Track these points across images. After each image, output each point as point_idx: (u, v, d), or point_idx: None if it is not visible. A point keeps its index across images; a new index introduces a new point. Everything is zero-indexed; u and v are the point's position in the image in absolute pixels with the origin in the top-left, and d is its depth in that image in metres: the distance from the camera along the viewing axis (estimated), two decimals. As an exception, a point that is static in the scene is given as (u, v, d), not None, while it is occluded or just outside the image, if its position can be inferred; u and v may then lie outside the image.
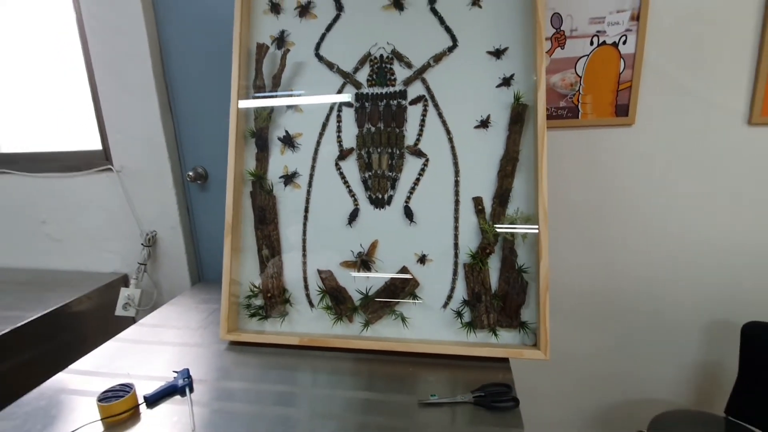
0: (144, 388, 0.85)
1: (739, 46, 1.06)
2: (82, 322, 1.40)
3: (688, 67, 1.09)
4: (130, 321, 1.60)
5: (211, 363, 0.96)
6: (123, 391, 0.80)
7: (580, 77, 1.12)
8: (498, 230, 0.96)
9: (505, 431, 0.72)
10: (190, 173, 1.46)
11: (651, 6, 1.05)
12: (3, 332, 1.15)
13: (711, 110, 1.10)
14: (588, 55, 1.10)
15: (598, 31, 1.08)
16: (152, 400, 0.82)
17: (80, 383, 0.90)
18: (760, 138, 1.09)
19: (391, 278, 1.01)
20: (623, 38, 1.08)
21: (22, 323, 1.20)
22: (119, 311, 1.47)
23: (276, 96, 1.08)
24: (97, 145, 1.52)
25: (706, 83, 1.09)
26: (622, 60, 1.09)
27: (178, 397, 0.84)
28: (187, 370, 0.91)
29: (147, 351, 1.03)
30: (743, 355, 1.14)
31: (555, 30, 1.10)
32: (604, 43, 1.09)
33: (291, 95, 1.07)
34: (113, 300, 1.50)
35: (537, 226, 0.92)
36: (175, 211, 1.49)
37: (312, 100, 1.06)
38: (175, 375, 0.89)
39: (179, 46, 1.38)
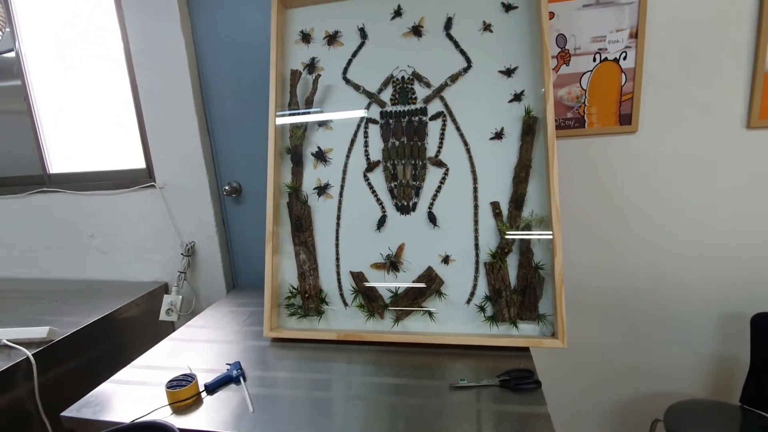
0: (202, 379, 0.95)
1: (734, 53, 1.14)
2: (130, 326, 1.53)
3: (687, 76, 1.17)
4: (170, 325, 1.72)
5: (257, 357, 1.07)
6: (185, 380, 0.91)
7: (585, 90, 1.22)
8: (514, 236, 1.06)
9: (530, 408, 0.80)
10: (226, 188, 1.59)
11: (648, 24, 1.15)
12: (66, 335, 1.28)
13: (710, 115, 1.19)
14: (591, 71, 1.21)
15: (599, 49, 1.19)
16: (212, 388, 0.92)
17: (146, 376, 1.01)
18: (759, 140, 1.17)
19: (418, 277, 1.11)
20: (623, 54, 1.18)
21: (82, 326, 1.33)
22: (162, 316, 1.59)
23: (309, 113, 1.20)
24: (140, 164, 1.66)
25: (705, 90, 1.18)
26: (623, 74, 1.19)
27: (232, 385, 0.95)
28: (239, 362, 1.01)
29: (199, 348, 1.13)
30: (754, 345, 1.20)
31: (560, 49, 1.21)
32: (605, 59, 1.19)
33: (322, 112, 1.19)
34: (156, 306, 1.63)
35: (551, 232, 1.01)
36: (212, 223, 1.62)
37: (341, 116, 1.18)
38: (229, 367, 1.00)
39: (216, 73, 1.53)
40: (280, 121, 1.21)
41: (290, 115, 1.21)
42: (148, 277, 1.73)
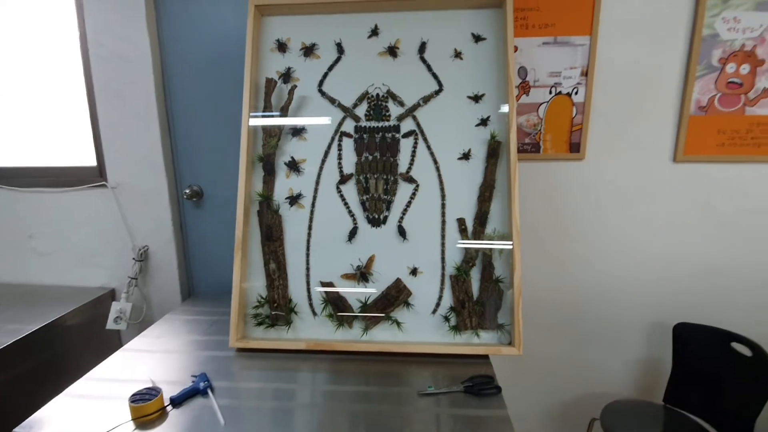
0: (166, 392, 0.92)
1: (666, 97, 1.32)
2: (74, 335, 1.43)
3: (626, 114, 1.34)
4: (117, 335, 1.62)
5: (223, 368, 1.05)
6: (150, 394, 0.88)
7: (542, 119, 1.34)
8: (477, 246, 1.14)
9: (492, 412, 0.87)
10: (187, 191, 1.53)
11: (596, 65, 1.30)
12: (4, 345, 1.17)
13: (644, 149, 1.36)
14: (548, 102, 1.33)
15: (555, 83, 1.31)
16: (178, 401, 0.90)
17: (103, 389, 0.95)
18: (682, 173, 1.36)
19: (387, 288, 1.15)
20: (575, 89, 1.31)
21: (23, 335, 1.22)
22: (110, 325, 1.49)
23: (285, 117, 1.20)
24: (91, 162, 1.56)
25: (640, 127, 1.34)
26: (574, 107, 1.33)
27: (199, 398, 0.93)
28: (205, 374, 0.99)
29: (159, 359, 1.09)
30: (675, 351, 1.38)
31: (522, 80, 1.32)
32: (560, 92, 1.32)
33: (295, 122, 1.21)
34: (102, 314, 1.53)
35: (511, 243, 1.11)
36: (169, 227, 1.55)
37: (315, 125, 1.20)
38: (194, 379, 0.98)
39: (182, 73, 1.48)
40: (253, 122, 1.20)
41: (263, 116, 1.21)
42: (93, 282, 1.62)
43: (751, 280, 1.42)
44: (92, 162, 1.56)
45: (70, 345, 1.42)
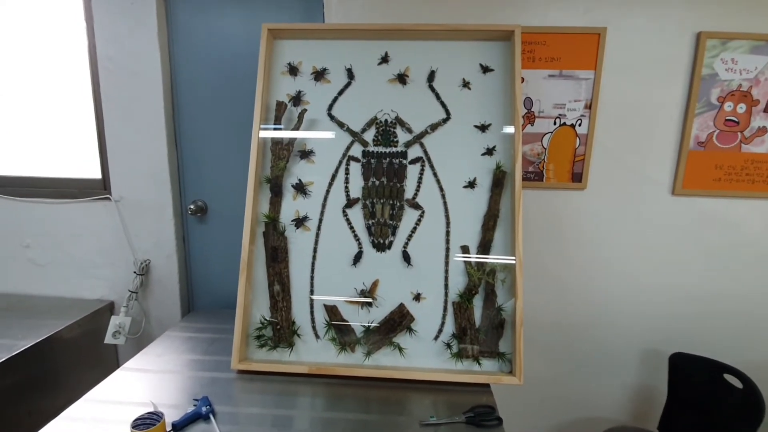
0: (168, 415, 0.92)
1: (666, 131, 1.36)
2: (72, 350, 1.41)
3: (628, 147, 1.37)
4: (114, 349, 1.61)
5: (224, 391, 1.05)
6: (152, 419, 0.87)
7: (545, 149, 1.37)
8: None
9: (494, 445, 0.88)
10: (191, 206, 1.54)
11: (600, 99, 1.33)
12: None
13: (644, 181, 1.39)
14: (552, 132, 1.36)
15: (560, 114, 1.35)
16: (180, 427, 0.90)
17: (102, 412, 0.95)
18: (681, 206, 1.39)
19: (390, 313, 1.16)
20: (579, 121, 1.35)
21: (18, 351, 1.21)
22: (109, 339, 1.48)
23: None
24: (96, 175, 1.56)
25: (641, 160, 1.38)
26: (578, 138, 1.36)
27: (201, 423, 0.92)
28: (206, 397, 0.99)
29: (159, 379, 1.09)
30: (671, 380, 1.40)
31: (527, 110, 1.35)
32: (564, 123, 1.35)
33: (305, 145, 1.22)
34: (100, 327, 1.51)
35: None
36: (172, 242, 1.55)
37: (324, 148, 1.21)
38: (196, 402, 0.97)
39: (191, 89, 1.49)
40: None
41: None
42: (91, 294, 1.61)
43: (741, 310, 1.45)
44: (97, 174, 1.55)
45: (67, 360, 1.40)
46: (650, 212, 1.41)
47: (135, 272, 1.55)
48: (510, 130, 1.17)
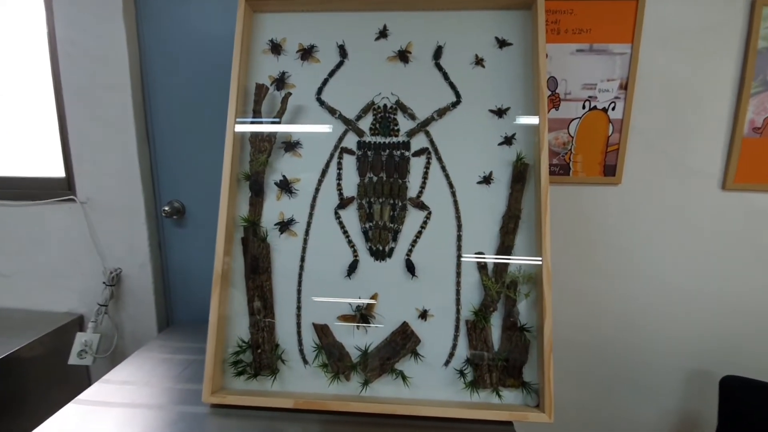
0: (117, 469, 0.74)
1: (716, 116, 1.17)
2: (36, 368, 1.26)
3: (670, 134, 1.18)
4: (84, 369, 1.44)
5: (194, 430, 0.87)
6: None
7: (573, 137, 1.18)
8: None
9: None
10: (166, 208, 1.36)
11: (638, 77, 1.14)
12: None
13: (690, 174, 1.20)
14: (580, 118, 1.17)
15: (589, 96, 1.16)
16: (128, 485, 0.72)
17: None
18: (733, 202, 1.20)
19: (392, 334, 0.98)
20: (612, 104, 1.15)
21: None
22: (74, 360, 1.31)
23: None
24: (58, 173, 1.39)
25: (686, 150, 1.19)
26: (610, 124, 1.17)
27: (157, 477, 0.75)
28: (168, 442, 0.81)
29: (118, 416, 0.91)
30: (722, 406, 1.20)
31: (551, 92, 1.16)
32: (595, 107, 1.16)
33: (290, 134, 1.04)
34: (67, 344, 1.34)
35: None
36: (145, 248, 1.38)
37: (312, 139, 1.03)
38: (154, 450, 0.80)
39: (164, 77, 1.32)
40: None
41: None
42: (58, 307, 1.44)
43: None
44: (60, 173, 1.38)
45: (30, 380, 1.24)
46: (697, 210, 1.22)
47: (104, 283, 1.38)
48: (532, 115, 0.98)
